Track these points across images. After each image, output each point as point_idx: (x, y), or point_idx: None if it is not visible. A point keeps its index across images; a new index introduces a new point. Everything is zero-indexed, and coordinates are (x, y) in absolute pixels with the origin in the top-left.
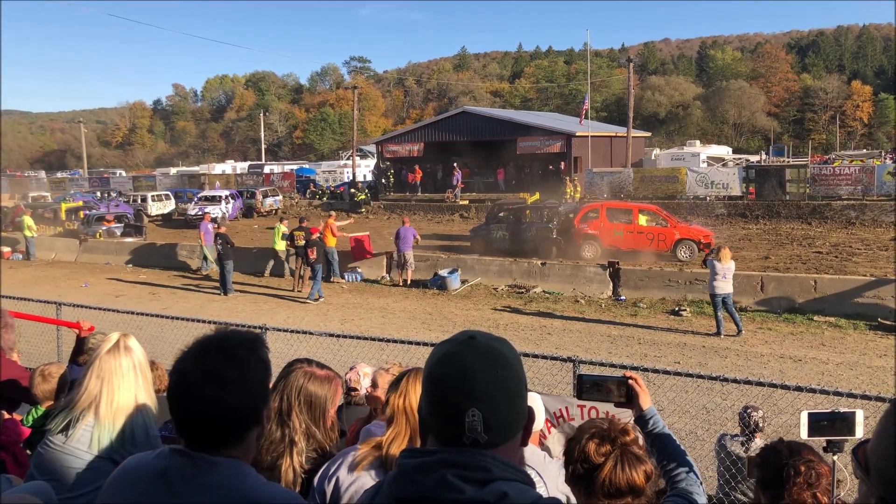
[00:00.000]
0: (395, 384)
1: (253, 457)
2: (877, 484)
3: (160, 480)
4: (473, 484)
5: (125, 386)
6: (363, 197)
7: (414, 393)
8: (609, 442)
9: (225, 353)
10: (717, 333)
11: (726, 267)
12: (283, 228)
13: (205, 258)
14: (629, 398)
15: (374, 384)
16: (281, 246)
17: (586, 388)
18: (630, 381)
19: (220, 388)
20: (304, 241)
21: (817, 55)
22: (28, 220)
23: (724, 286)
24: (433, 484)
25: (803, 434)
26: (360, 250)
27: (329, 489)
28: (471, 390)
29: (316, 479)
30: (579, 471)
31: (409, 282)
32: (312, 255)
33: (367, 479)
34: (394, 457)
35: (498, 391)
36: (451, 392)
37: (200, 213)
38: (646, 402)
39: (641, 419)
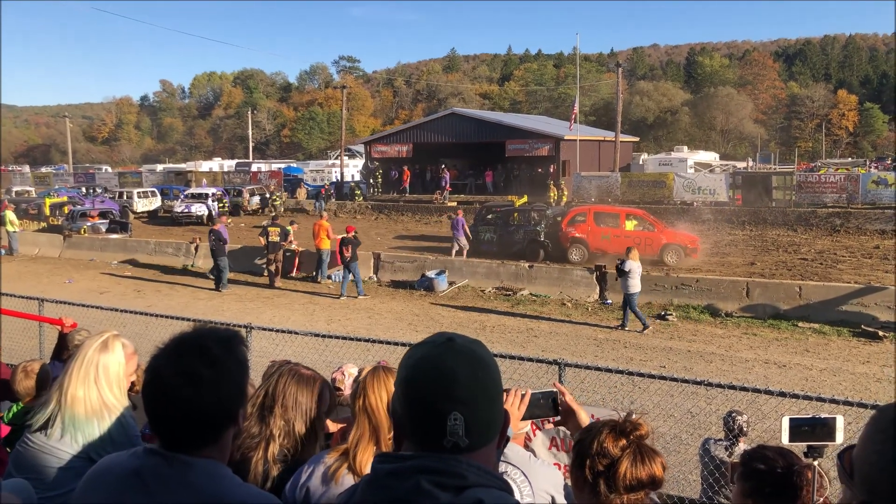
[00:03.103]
0: (354, 384)
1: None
2: (860, 489)
3: (134, 480)
4: (448, 490)
5: (106, 385)
6: (358, 193)
7: (372, 391)
8: (624, 436)
9: (200, 352)
10: (644, 328)
11: (640, 266)
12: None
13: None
14: (556, 410)
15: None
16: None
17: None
18: (560, 396)
19: (193, 388)
20: (277, 238)
21: (804, 64)
22: (10, 215)
23: (638, 284)
24: (407, 490)
25: (784, 439)
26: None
27: (300, 496)
28: (452, 393)
29: (287, 486)
30: (598, 467)
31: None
32: (347, 253)
33: (339, 488)
34: (359, 460)
35: (478, 394)
36: (432, 395)
37: (186, 210)
38: (584, 418)
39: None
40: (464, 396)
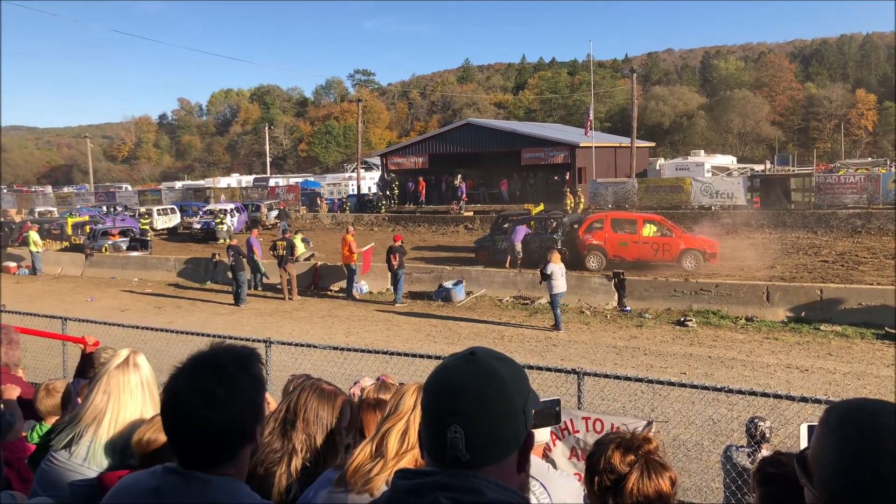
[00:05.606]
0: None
1: (248, 471)
2: (820, 491)
3: (153, 499)
4: None
5: (132, 403)
6: (383, 203)
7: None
8: (633, 451)
9: (215, 371)
10: (557, 327)
11: (562, 267)
12: (298, 240)
13: (256, 271)
14: (560, 418)
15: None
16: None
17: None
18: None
19: (209, 407)
20: (283, 252)
21: (821, 64)
22: (34, 235)
23: (563, 285)
24: None
25: (803, 446)
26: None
27: None
28: (454, 405)
29: (298, 502)
30: (606, 483)
31: (507, 263)
32: (395, 262)
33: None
34: (362, 474)
35: (483, 409)
36: (438, 406)
37: (206, 226)
38: None
39: None
40: (466, 409)
